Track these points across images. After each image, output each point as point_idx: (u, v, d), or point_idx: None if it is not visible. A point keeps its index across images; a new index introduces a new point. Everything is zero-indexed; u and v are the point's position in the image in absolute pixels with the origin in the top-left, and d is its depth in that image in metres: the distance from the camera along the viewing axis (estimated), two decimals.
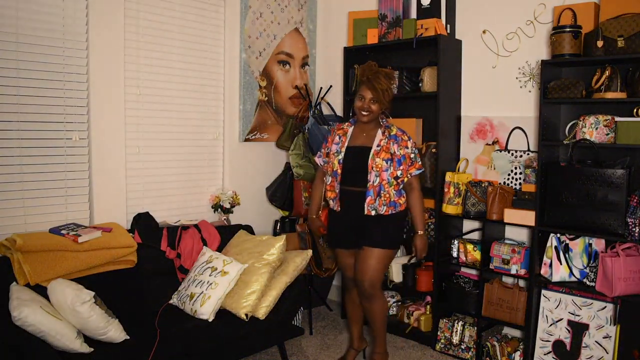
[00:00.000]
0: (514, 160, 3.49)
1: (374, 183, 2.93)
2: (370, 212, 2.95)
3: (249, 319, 2.97)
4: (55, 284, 2.55)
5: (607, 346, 2.96)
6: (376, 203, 2.94)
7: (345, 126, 3.13)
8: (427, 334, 3.67)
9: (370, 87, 2.92)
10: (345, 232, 3.07)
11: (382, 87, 2.90)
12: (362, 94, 2.96)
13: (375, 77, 2.93)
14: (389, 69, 2.99)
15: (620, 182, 2.79)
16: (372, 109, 2.94)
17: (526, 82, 3.43)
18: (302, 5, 4.30)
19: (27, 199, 2.93)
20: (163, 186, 3.55)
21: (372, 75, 2.93)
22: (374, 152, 2.94)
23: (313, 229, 3.33)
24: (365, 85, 2.95)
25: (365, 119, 2.97)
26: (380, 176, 2.93)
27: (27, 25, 2.86)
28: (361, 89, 2.98)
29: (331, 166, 3.04)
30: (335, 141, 3.09)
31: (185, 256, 3.26)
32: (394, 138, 2.99)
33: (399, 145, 2.97)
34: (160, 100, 3.48)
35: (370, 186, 2.93)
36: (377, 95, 2.91)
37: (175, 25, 3.52)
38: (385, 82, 2.93)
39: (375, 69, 2.97)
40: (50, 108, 2.98)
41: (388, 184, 2.95)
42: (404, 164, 2.96)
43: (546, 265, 3.11)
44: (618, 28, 2.80)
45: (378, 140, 2.97)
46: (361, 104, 2.96)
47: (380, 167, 2.92)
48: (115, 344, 2.58)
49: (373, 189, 2.93)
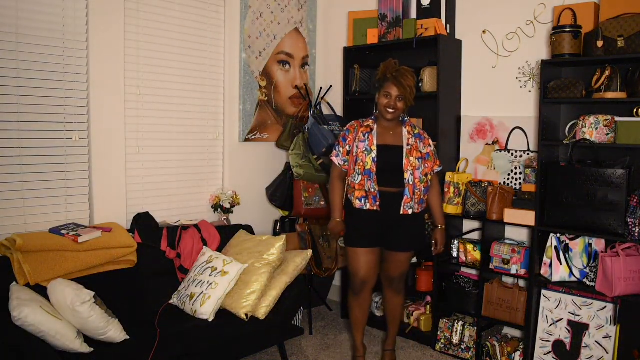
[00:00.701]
0: (514, 160, 3.49)
1: (410, 182, 2.91)
2: (407, 212, 2.94)
3: (249, 319, 2.97)
4: (55, 284, 2.55)
5: (607, 346, 2.96)
6: (412, 202, 2.93)
7: (370, 123, 3.03)
8: (427, 334, 3.67)
9: (397, 84, 2.86)
10: (371, 231, 3.01)
11: (409, 83, 2.87)
12: (388, 91, 2.90)
13: (401, 74, 2.88)
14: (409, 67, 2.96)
15: (620, 182, 2.79)
16: (398, 107, 2.90)
17: (526, 82, 3.43)
18: (302, 5, 4.30)
19: (27, 199, 2.93)
20: (163, 186, 3.55)
21: (398, 73, 2.88)
22: (407, 151, 2.93)
23: (334, 232, 3.18)
24: (392, 82, 2.88)
25: (391, 116, 2.92)
26: (414, 175, 2.92)
27: (27, 25, 2.86)
28: (387, 86, 2.91)
29: (362, 165, 2.94)
30: (360, 139, 2.98)
31: (185, 256, 3.26)
32: (418, 137, 2.99)
33: (423, 144, 2.99)
34: (160, 100, 3.48)
35: (407, 185, 2.91)
36: (404, 92, 2.86)
37: (175, 25, 3.52)
38: (412, 80, 2.89)
39: (397, 66, 2.93)
40: (50, 108, 2.98)
41: (420, 182, 2.94)
42: (429, 162, 2.98)
43: (546, 265, 3.11)
44: (618, 28, 2.80)
45: (406, 139, 2.96)
46: (387, 102, 2.90)
47: (414, 165, 2.91)
48: (115, 344, 2.58)
49: (409, 187, 2.91)
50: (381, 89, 2.95)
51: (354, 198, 3.00)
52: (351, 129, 3.06)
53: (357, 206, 2.99)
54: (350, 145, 3.02)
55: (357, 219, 3.03)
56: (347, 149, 3.04)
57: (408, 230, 3.00)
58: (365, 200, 2.96)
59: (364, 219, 3.00)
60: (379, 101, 2.95)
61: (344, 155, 3.05)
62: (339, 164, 3.07)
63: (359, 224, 3.04)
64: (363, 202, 2.97)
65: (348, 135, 3.06)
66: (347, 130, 3.07)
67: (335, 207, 3.13)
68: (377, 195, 2.92)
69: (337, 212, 3.12)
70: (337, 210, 3.12)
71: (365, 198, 2.96)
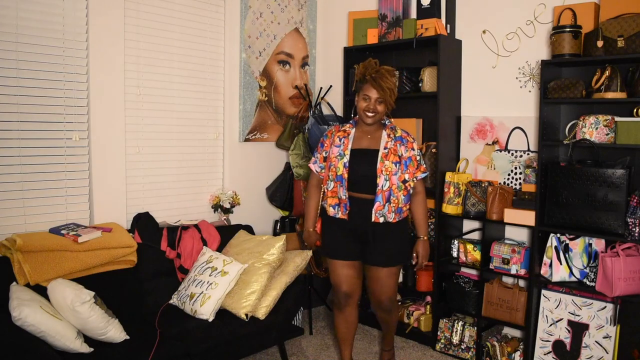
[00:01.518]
0: (514, 160, 3.49)
1: (384, 188, 2.73)
2: (377, 219, 2.76)
3: (249, 319, 2.97)
4: (55, 284, 2.55)
5: (607, 346, 2.96)
6: (385, 209, 2.75)
7: (347, 127, 2.90)
8: (427, 334, 3.67)
9: (376, 87, 2.72)
10: (347, 242, 2.86)
11: (389, 85, 2.72)
12: (366, 94, 2.76)
13: (380, 75, 2.73)
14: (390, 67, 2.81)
15: (620, 182, 2.79)
16: (378, 110, 2.76)
17: (526, 82, 3.43)
18: (302, 5, 4.30)
19: (27, 199, 2.93)
20: (163, 186, 3.55)
21: (377, 74, 2.74)
22: (382, 154, 2.75)
23: (309, 243, 3.04)
24: (370, 84, 2.74)
25: (371, 120, 2.78)
26: (390, 180, 2.74)
27: (27, 25, 2.86)
28: (365, 89, 2.77)
29: (334, 170, 2.79)
30: (335, 143, 2.85)
31: (185, 256, 3.26)
32: (400, 140, 2.82)
33: (405, 147, 2.80)
34: (161, 100, 3.48)
35: (380, 191, 2.73)
36: (383, 95, 2.72)
37: (175, 25, 3.52)
38: (392, 81, 2.75)
39: (377, 66, 2.79)
40: (50, 108, 2.98)
41: (397, 189, 2.76)
42: (410, 167, 2.80)
43: (546, 265, 3.11)
44: (618, 28, 2.80)
45: (384, 142, 2.79)
46: (366, 105, 2.76)
47: (389, 170, 2.73)
48: (115, 344, 2.58)
49: (382, 194, 2.73)
50: (360, 91, 2.81)
51: (327, 205, 2.87)
52: (329, 134, 2.93)
53: (330, 214, 2.86)
54: (327, 151, 2.89)
55: (333, 229, 2.89)
56: (323, 155, 2.91)
57: (385, 243, 2.81)
58: (338, 208, 2.82)
59: (339, 229, 2.86)
60: (358, 104, 2.81)
61: (321, 161, 2.93)
62: (316, 171, 2.96)
63: (335, 234, 2.89)
64: (336, 209, 2.83)
65: (325, 140, 2.93)
66: (325, 136, 2.94)
67: (309, 216, 3.00)
68: (347, 203, 2.77)
69: (310, 221, 3.00)
70: (310, 219, 3.00)
71: (338, 206, 2.82)
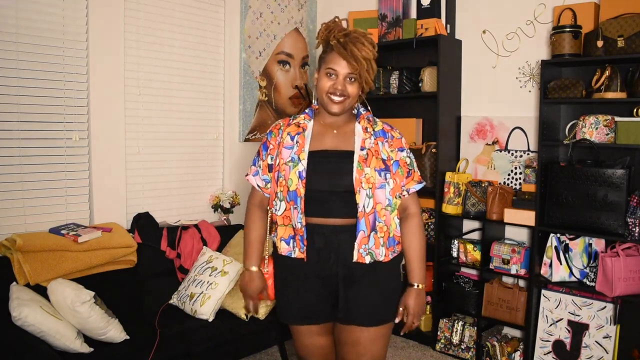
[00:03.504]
0: (514, 160, 3.49)
1: (366, 208, 1.80)
2: (363, 259, 1.82)
3: (249, 319, 2.97)
4: (55, 284, 2.55)
5: (607, 346, 2.96)
6: (371, 243, 1.82)
7: (301, 119, 1.93)
8: (427, 334, 3.67)
9: (346, 56, 1.79)
10: (312, 295, 1.88)
11: (365, 55, 1.79)
12: (331, 68, 1.82)
13: (352, 39, 1.79)
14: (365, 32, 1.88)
15: (620, 182, 2.79)
16: (349, 92, 1.83)
17: (526, 82, 3.43)
18: (302, 5, 4.30)
19: (27, 199, 2.93)
20: (163, 186, 3.55)
21: (348, 38, 1.80)
22: (360, 158, 1.82)
23: (249, 292, 1.97)
24: (337, 52, 1.81)
25: (338, 108, 1.84)
26: (375, 197, 1.82)
27: (27, 25, 2.86)
28: (329, 60, 1.83)
29: (284, 184, 1.83)
30: (286, 143, 1.88)
31: (185, 256, 3.26)
32: (382, 135, 1.90)
33: (390, 146, 1.90)
34: (160, 100, 3.48)
35: (361, 215, 1.80)
36: (357, 68, 1.79)
37: (175, 25, 3.51)
38: (371, 49, 1.81)
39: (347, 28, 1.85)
40: (50, 108, 2.98)
41: (387, 209, 1.84)
42: (398, 175, 1.89)
43: (546, 265, 3.11)
44: (618, 28, 2.80)
45: (360, 139, 1.87)
46: (331, 85, 1.82)
47: (373, 181, 1.81)
48: (115, 344, 2.58)
49: (365, 218, 1.80)
50: (322, 65, 1.86)
51: (277, 239, 1.90)
52: (274, 130, 1.96)
53: (283, 252, 1.89)
54: (272, 156, 1.92)
55: (286, 276, 1.92)
56: (268, 161, 1.93)
57: (369, 290, 1.86)
58: (293, 242, 1.87)
59: (297, 276, 1.88)
60: (318, 84, 1.86)
61: (265, 172, 1.95)
62: (257, 185, 1.98)
63: (291, 285, 1.91)
64: (290, 245, 1.87)
65: (270, 139, 1.95)
66: (270, 133, 1.96)
67: (249, 251, 1.98)
68: (304, 234, 1.82)
69: (252, 258, 1.97)
70: (252, 255, 1.97)
71: (293, 239, 1.87)
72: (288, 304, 1.93)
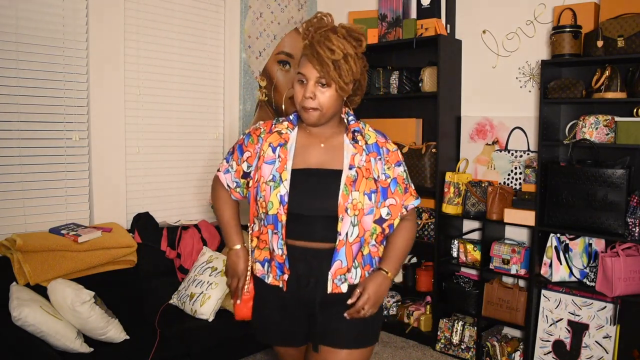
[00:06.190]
0: (514, 160, 3.49)
1: (350, 238, 1.66)
2: (338, 289, 1.69)
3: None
4: (55, 284, 2.55)
5: (607, 346, 2.96)
6: (350, 272, 1.69)
7: (284, 128, 1.77)
8: (427, 334, 3.67)
9: (311, 58, 1.62)
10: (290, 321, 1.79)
11: (333, 56, 1.60)
12: (300, 72, 1.66)
13: (322, 39, 1.62)
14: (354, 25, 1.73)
15: (620, 182, 2.79)
16: (320, 100, 1.64)
17: (526, 82, 3.43)
18: (302, 5, 4.30)
19: (27, 199, 2.93)
20: (163, 186, 3.55)
21: (320, 36, 1.63)
22: (347, 179, 1.67)
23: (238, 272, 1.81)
24: (304, 53, 1.67)
25: (312, 117, 1.67)
26: (362, 224, 1.68)
27: (27, 25, 2.86)
28: (300, 63, 1.69)
29: (263, 205, 1.69)
30: (267, 157, 1.72)
31: (185, 256, 3.26)
32: (375, 150, 1.75)
33: (384, 163, 1.75)
34: (160, 100, 3.48)
35: (342, 243, 1.65)
36: (326, 70, 1.60)
37: (175, 25, 3.51)
38: (342, 46, 1.62)
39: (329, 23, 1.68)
40: (50, 108, 2.98)
41: (372, 236, 1.72)
42: (397, 193, 1.75)
43: (546, 265, 3.11)
44: (618, 28, 2.80)
45: (349, 155, 1.71)
46: (302, 92, 1.66)
47: (360, 207, 1.66)
48: (115, 344, 2.58)
49: (347, 247, 1.66)
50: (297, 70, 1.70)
51: (254, 258, 1.81)
52: (253, 135, 1.80)
53: (257, 273, 1.80)
54: (249, 165, 1.78)
55: (265, 298, 1.80)
56: (243, 167, 1.80)
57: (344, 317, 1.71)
58: (269, 267, 1.75)
59: (273, 298, 1.77)
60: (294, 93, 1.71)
61: (238, 175, 1.82)
62: (226, 185, 1.85)
63: (267, 307, 1.80)
64: (265, 269, 1.77)
65: (248, 143, 1.80)
66: (248, 136, 1.81)
67: (227, 231, 1.86)
68: (284, 262, 1.69)
69: (232, 237, 1.84)
70: (232, 234, 1.85)
71: (269, 264, 1.75)
72: (266, 325, 1.82)
